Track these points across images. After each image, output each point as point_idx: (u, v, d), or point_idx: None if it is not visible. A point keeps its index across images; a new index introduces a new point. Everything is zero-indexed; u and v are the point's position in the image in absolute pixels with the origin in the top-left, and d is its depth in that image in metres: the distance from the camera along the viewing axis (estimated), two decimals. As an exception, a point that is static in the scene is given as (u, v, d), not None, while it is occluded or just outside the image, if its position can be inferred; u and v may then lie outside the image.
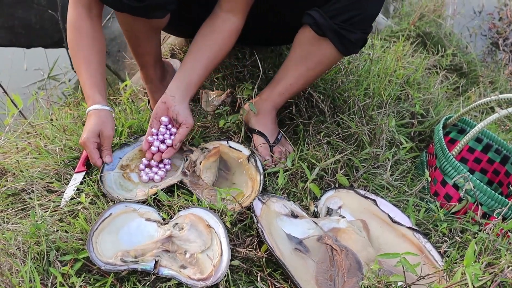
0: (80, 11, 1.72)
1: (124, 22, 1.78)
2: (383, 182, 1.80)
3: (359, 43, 1.74)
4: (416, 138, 2.16)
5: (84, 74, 1.71)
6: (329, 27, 1.66)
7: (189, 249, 1.44)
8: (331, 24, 1.65)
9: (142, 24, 1.76)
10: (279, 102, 1.90)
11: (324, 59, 1.78)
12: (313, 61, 1.78)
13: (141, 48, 1.91)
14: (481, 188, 1.66)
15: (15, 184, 1.66)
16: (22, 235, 1.42)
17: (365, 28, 1.71)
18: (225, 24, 1.76)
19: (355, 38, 1.69)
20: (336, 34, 1.67)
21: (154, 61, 1.97)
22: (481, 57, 4.29)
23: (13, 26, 3.43)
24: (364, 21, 1.70)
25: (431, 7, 3.89)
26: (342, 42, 1.69)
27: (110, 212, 1.48)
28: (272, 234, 1.46)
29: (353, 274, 1.40)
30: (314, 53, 1.76)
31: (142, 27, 1.79)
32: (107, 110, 1.69)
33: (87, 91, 1.70)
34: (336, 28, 1.65)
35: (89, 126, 1.65)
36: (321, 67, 1.82)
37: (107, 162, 1.67)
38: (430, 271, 1.43)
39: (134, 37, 1.85)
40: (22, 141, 1.86)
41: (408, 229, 1.59)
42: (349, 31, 1.67)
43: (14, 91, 2.50)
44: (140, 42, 1.87)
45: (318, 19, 1.66)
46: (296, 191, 1.72)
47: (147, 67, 1.97)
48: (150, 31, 1.83)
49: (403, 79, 2.36)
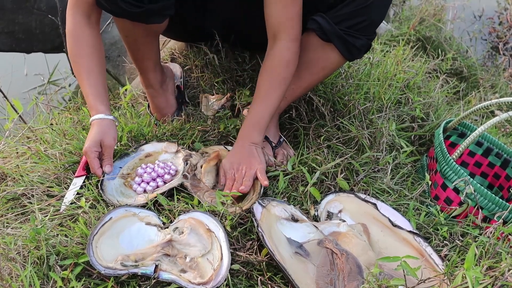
0: (78, 19, 1.71)
1: (123, 28, 1.78)
2: (384, 186, 1.80)
3: (364, 49, 1.75)
4: (416, 142, 2.16)
5: (86, 84, 1.71)
6: (334, 32, 1.66)
7: (189, 253, 1.44)
8: (337, 30, 1.65)
9: (141, 29, 1.75)
10: (281, 107, 1.89)
11: (328, 64, 1.78)
12: (317, 66, 1.78)
13: (140, 53, 1.91)
14: (482, 191, 1.66)
15: (15, 189, 1.66)
16: (22, 239, 1.41)
17: (370, 34, 1.72)
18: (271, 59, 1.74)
19: (360, 44, 1.70)
20: (341, 40, 1.67)
21: (153, 65, 1.96)
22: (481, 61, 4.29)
23: (13, 31, 3.44)
24: (369, 27, 1.70)
25: (431, 12, 3.89)
26: (347, 48, 1.69)
27: (110, 216, 1.47)
28: (272, 238, 1.46)
29: (353, 278, 1.40)
30: (318, 59, 1.76)
31: (141, 32, 1.79)
32: (109, 120, 1.69)
33: (90, 101, 1.71)
34: (341, 34, 1.66)
35: (91, 135, 1.66)
36: (325, 72, 1.82)
37: (106, 172, 1.67)
38: (430, 274, 1.43)
39: (133, 42, 1.85)
40: (22, 146, 1.86)
41: (409, 233, 1.58)
42: (354, 37, 1.67)
43: (14, 96, 2.51)
44: (139, 47, 1.87)
45: (324, 25, 1.66)
46: (296, 195, 1.72)
47: (147, 72, 1.97)
48: (149, 36, 1.83)
49: (403, 83, 2.36)
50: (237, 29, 2.07)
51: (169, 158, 1.81)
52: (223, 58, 2.24)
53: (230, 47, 2.25)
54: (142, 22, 1.68)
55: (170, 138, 1.91)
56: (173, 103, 2.08)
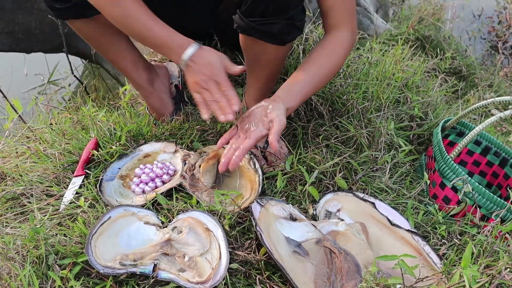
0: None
1: (78, 30, 1.76)
2: (382, 185, 1.80)
3: (287, 31, 1.63)
4: (415, 141, 2.16)
5: (156, 27, 1.55)
6: (249, 26, 1.60)
7: (188, 252, 1.44)
8: (248, 23, 1.59)
9: (93, 28, 1.73)
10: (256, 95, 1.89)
11: (270, 55, 1.72)
12: (262, 60, 1.74)
13: (111, 54, 1.86)
14: (480, 190, 1.66)
15: (14, 188, 1.67)
16: (21, 239, 1.42)
17: (284, 15, 1.58)
18: (333, 42, 1.70)
19: (278, 29, 1.60)
20: (258, 32, 1.61)
21: (132, 65, 1.90)
22: (480, 60, 4.30)
23: (13, 31, 3.44)
24: (278, 10, 1.57)
25: (430, 11, 3.90)
26: (269, 36, 1.62)
27: (109, 215, 1.48)
28: (270, 237, 1.46)
29: (352, 277, 1.40)
30: (258, 53, 1.72)
31: (97, 32, 1.76)
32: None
33: (173, 39, 1.56)
34: (253, 25, 1.59)
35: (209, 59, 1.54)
36: (273, 63, 1.77)
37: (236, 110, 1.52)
38: (428, 273, 1.43)
39: (97, 44, 1.82)
40: (22, 146, 1.87)
41: (407, 231, 1.59)
42: (268, 24, 1.58)
43: (14, 96, 2.52)
44: (107, 47, 1.83)
45: (239, 22, 1.62)
46: (295, 194, 1.72)
47: (128, 72, 1.92)
48: (107, 33, 1.77)
49: (402, 82, 2.37)
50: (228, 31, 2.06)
51: (168, 158, 1.81)
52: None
53: (229, 47, 2.25)
54: (83, 17, 1.66)
55: (169, 137, 1.91)
56: (168, 102, 2.05)
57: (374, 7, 4.08)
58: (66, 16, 1.68)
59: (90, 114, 1.97)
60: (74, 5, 1.61)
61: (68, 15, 1.68)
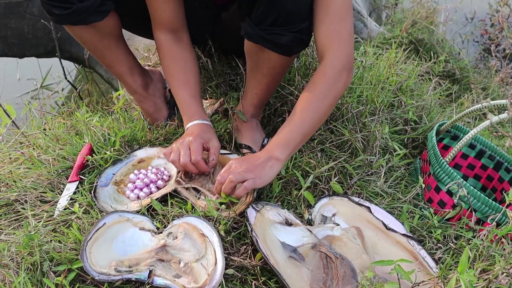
0: (163, 38, 1.78)
1: (76, 35, 1.76)
2: (377, 189, 1.80)
3: (294, 43, 1.63)
4: (409, 144, 2.17)
5: (182, 94, 1.78)
6: (257, 34, 1.61)
7: (183, 258, 1.44)
8: (258, 32, 1.60)
9: (92, 33, 1.73)
10: (253, 112, 1.92)
11: (273, 64, 1.73)
12: (265, 67, 1.75)
13: (107, 59, 1.87)
14: (475, 194, 1.66)
15: (8, 195, 1.66)
16: (15, 245, 1.41)
17: (292, 27, 1.59)
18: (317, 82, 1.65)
19: (286, 40, 1.60)
20: (267, 41, 1.61)
21: (128, 70, 1.91)
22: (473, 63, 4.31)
23: (6, 36, 3.42)
24: (288, 21, 1.58)
25: (423, 14, 3.90)
26: (275, 46, 1.63)
27: (104, 221, 1.47)
28: (266, 242, 1.46)
29: (347, 282, 1.40)
30: (262, 60, 1.72)
31: (95, 37, 1.76)
32: (210, 125, 1.76)
33: (188, 108, 1.77)
34: (263, 34, 1.60)
35: (196, 132, 1.69)
36: (276, 71, 1.77)
37: (211, 166, 1.69)
38: (424, 278, 1.43)
39: (94, 49, 1.82)
40: (15, 151, 1.86)
41: (402, 236, 1.59)
42: (277, 35, 1.59)
43: (7, 100, 2.51)
44: (103, 53, 1.83)
45: (247, 29, 1.63)
46: (290, 199, 1.72)
47: (123, 77, 1.92)
48: (105, 39, 1.79)
49: (396, 86, 2.37)
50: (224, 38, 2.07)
51: (162, 164, 1.81)
52: (216, 62, 2.24)
53: (223, 52, 2.25)
54: (82, 23, 1.67)
55: (163, 142, 1.91)
56: (163, 107, 2.05)
57: (367, 11, 4.09)
58: (64, 22, 1.68)
59: (84, 119, 1.96)
60: (74, 11, 1.61)
61: (67, 21, 1.68)
